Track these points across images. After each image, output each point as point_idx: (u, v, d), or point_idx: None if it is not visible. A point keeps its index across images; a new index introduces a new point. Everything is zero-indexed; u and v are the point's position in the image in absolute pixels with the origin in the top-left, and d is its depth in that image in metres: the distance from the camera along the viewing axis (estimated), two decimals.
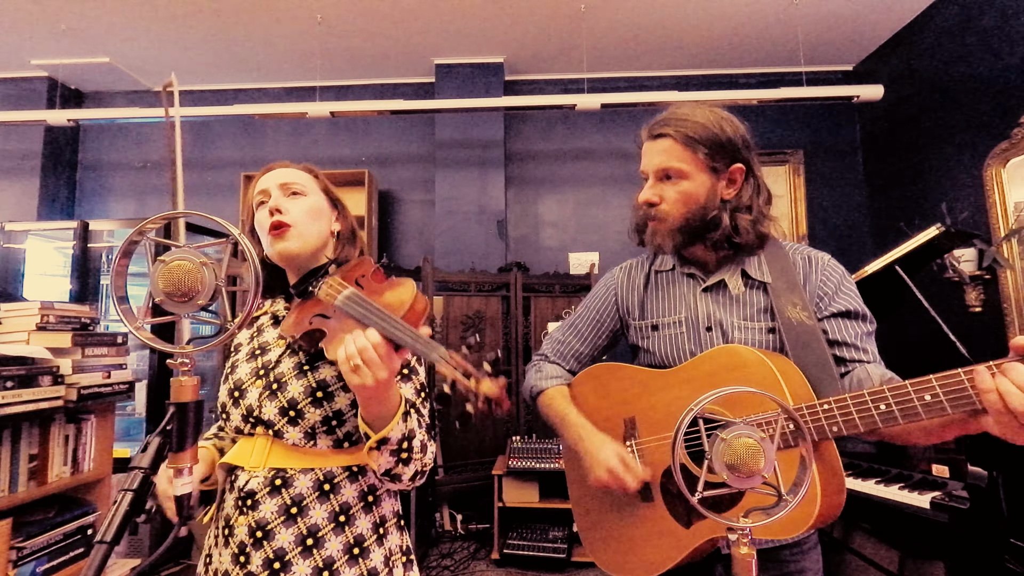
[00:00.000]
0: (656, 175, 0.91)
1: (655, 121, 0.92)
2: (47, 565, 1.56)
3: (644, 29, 3.24)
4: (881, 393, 0.68)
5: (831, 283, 0.90)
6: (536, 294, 3.29)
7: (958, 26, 2.79)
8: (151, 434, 0.55)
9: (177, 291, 0.52)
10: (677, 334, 0.95)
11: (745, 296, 0.92)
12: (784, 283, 0.90)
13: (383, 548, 0.83)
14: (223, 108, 3.38)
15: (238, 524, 0.78)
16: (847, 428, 0.71)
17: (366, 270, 0.86)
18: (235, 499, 0.79)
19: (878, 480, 1.75)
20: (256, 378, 0.84)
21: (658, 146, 0.90)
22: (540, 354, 1.16)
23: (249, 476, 0.79)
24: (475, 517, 3.04)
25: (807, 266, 0.92)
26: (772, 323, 0.89)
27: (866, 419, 0.69)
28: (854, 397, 0.70)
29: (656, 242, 0.94)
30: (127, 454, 2.55)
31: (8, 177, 3.63)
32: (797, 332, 0.85)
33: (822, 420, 0.73)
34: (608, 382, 1.02)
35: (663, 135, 0.90)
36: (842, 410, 0.71)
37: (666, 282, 1.01)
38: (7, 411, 1.40)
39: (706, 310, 0.93)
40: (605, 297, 1.08)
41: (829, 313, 0.88)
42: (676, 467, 0.55)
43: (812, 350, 0.83)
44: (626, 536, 0.94)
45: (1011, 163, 2.47)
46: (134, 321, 0.54)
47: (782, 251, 0.94)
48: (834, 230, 3.57)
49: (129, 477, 0.53)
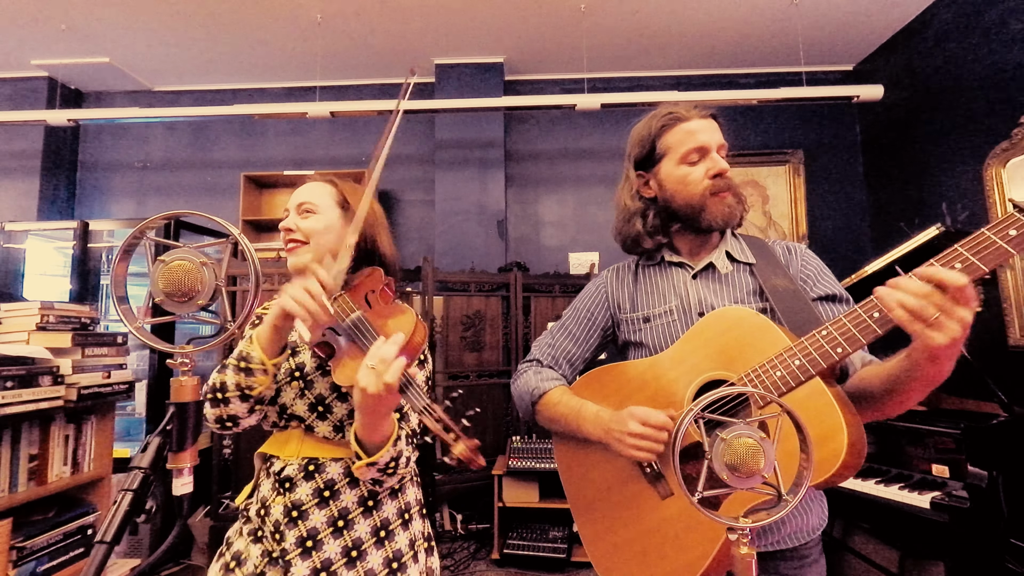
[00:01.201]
0: (718, 150, 0.94)
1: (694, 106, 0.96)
2: (47, 565, 1.56)
3: (644, 29, 3.24)
4: (870, 302, 0.71)
5: (811, 269, 0.95)
6: (536, 294, 3.29)
7: (958, 26, 2.79)
8: (151, 434, 0.55)
9: (177, 291, 0.53)
10: (669, 323, 0.96)
11: (733, 276, 0.95)
12: (766, 263, 0.95)
13: (408, 532, 0.91)
14: (223, 108, 3.38)
15: (275, 504, 0.85)
16: (849, 344, 0.72)
17: (375, 285, 0.90)
18: (272, 483, 0.87)
19: (878, 480, 1.75)
20: (291, 379, 0.92)
21: (714, 125, 0.95)
22: (531, 360, 1.11)
23: (284, 463, 0.87)
24: (475, 517, 3.03)
25: (787, 254, 0.98)
26: (763, 303, 0.91)
27: (864, 328, 0.71)
28: (849, 313, 0.73)
29: (725, 214, 0.93)
30: (127, 454, 2.56)
31: (8, 177, 3.63)
32: (783, 296, 0.88)
33: (824, 345, 0.74)
34: (606, 382, 1.00)
35: (714, 116, 0.96)
36: (840, 329, 0.73)
37: (655, 275, 1.02)
38: (7, 411, 1.40)
39: (698, 296, 0.95)
40: (595, 296, 1.08)
41: (815, 296, 0.91)
42: (676, 467, 0.55)
43: (800, 310, 0.86)
44: (646, 543, 0.87)
45: (1011, 163, 2.47)
46: (134, 321, 0.54)
47: (760, 241, 1.00)
48: (834, 230, 3.57)
49: (129, 477, 0.53)
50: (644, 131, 0.99)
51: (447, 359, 3.13)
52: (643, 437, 0.83)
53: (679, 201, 0.95)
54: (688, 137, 0.93)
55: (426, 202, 3.74)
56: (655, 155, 0.97)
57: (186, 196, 3.82)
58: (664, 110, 0.97)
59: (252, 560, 0.86)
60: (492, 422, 3.15)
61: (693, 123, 0.93)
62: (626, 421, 0.85)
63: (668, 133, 0.95)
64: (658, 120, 0.96)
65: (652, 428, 0.82)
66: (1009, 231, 0.62)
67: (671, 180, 0.95)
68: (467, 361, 3.18)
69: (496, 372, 3.20)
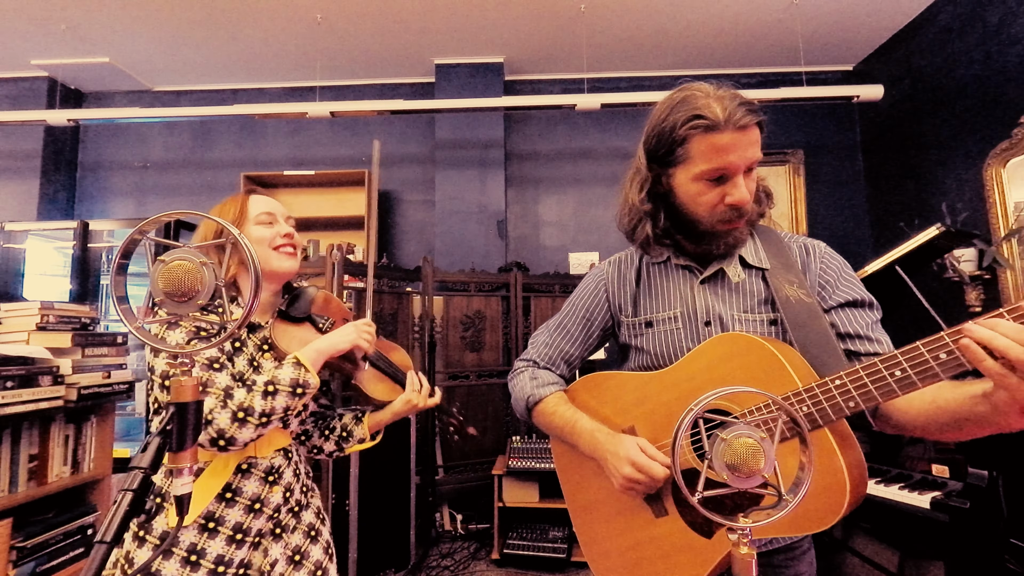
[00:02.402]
0: (747, 171, 0.80)
1: (737, 105, 0.77)
2: (47, 565, 1.56)
3: (644, 29, 3.24)
4: (894, 359, 0.64)
5: (832, 271, 0.87)
6: (536, 294, 3.29)
7: (958, 26, 2.79)
8: (151, 434, 0.55)
9: (177, 291, 0.52)
10: (673, 330, 0.90)
11: (745, 284, 0.87)
12: (780, 265, 0.87)
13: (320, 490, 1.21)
14: (223, 108, 3.37)
15: (271, 494, 0.96)
16: (864, 401, 0.66)
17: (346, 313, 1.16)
18: (259, 479, 0.95)
19: (878, 480, 1.75)
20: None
21: (752, 136, 0.78)
22: (527, 359, 1.07)
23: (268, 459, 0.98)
24: (475, 517, 3.04)
25: (804, 255, 0.89)
26: (774, 314, 0.84)
27: (883, 387, 0.64)
28: (867, 367, 0.66)
29: (729, 244, 0.87)
30: (127, 454, 2.56)
31: (8, 177, 3.63)
32: (795, 310, 0.81)
33: (836, 397, 0.67)
34: (604, 392, 0.96)
35: (755, 124, 0.78)
36: (856, 383, 0.66)
37: (660, 275, 0.95)
38: (7, 411, 1.40)
39: (704, 303, 0.88)
40: (595, 292, 1.02)
41: (836, 303, 0.84)
42: (676, 469, 0.55)
43: (811, 328, 0.79)
44: (639, 555, 0.86)
45: (1011, 163, 2.47)
46: (134, 321, 0.54)
47: (776, 237, 0.92)
48: (834, 230, 3.57)
49: (129, 477, 0.53)
50: (667, 123, 0.81)
51: (447, 359, 3.13)
52: (636, 482, 0.81)
53: (686, 214, 0.86)
54: (714, 155, 0.78)
55: (426, 202, 3.74)
56: (673, 156, 0.82)
57: (186, 196, 3.82)
58: (694, 102, 0.79)
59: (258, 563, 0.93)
60: (492, 422, 3.14)
61: (725, 137, 0.76)
62: (622, 461, 0.82)
63: (693, 141, 0.79)
64: (684, 115, 0.79)
65: (646, 476, 0.80)
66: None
67: (683, 191, 0.84)
68: (467, 361, 3.18)
69: (496, 372, 3.20)
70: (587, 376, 1.01)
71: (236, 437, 0.84)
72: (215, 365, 0.89)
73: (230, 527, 0.91)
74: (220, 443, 0.84)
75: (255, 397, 0.87)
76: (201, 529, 0.89)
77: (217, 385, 0.87)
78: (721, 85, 0.81)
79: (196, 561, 0.87)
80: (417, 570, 2.51)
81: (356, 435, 1.11)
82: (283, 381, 0.89)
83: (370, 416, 1.12)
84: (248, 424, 0.85)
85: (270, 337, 0.97)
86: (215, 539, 0.89)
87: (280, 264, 1.01)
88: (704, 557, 0.78)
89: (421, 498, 2.64)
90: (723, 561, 0.77)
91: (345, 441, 1.12)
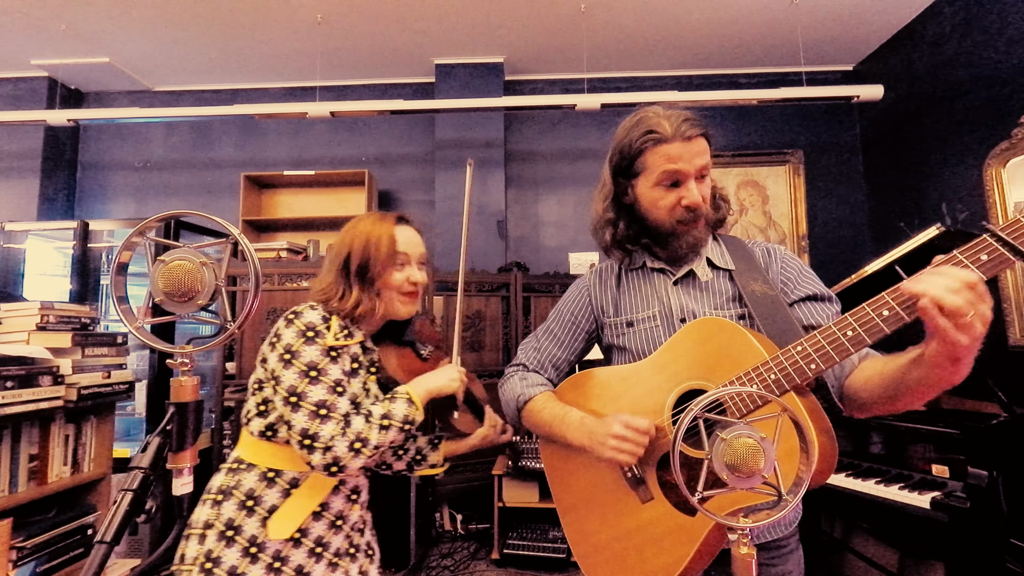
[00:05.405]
0: (697, 175, 0.91)
1: (682, 120, 0.89)
2: (47, 565, 1.56)
3: (644, 29, 3.24)
4: (845, 320, 0.72)
5: (792, 270, 0.96)
6: (536, 294, 3.29)
7: (958, 26, 2.79)
8: (151, 434, 0.55)
9: (177, 291, 0.52)
10: (652, 328, 0.97)
11: (713, 283, 0.96)
12: (745, 266, 0.96)
13: None
14: (223, 108, 3.37)
15: (352, 512, 1.01)
16: (823, 361, 0.73)
17: (437, 337, 1.21)
18: (345, 496, 1.00)
19: (878, 480, 1.75)
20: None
21: (698, 146, 0.90)
22: (517, 364, 1.14)
23: (355, 478, 1.02)
24: (475, 517, 3.03)
25: (767, 257, 0.98)
26: (742, 309, 0.92)
27: (838, 347, 0.72)
28: (823, 331, 0.74)
29: (690, 243, 0.96)
30: (127, 454, 2.56)
31: (8, 177, 3.63)
32: (762, 304, 0.89)
33: (799, 360, 0.74)
34: (589, 387, 1.01)
35: (701, 135, 0.90)
36: (814, 346, 0.74)
37: (637, 279, 1.03)
38: (7, 411, 1.40)
39: (679, 302, 0.96)
40: (579, 298, 1.10)
41: (797, 298, 0.92)
42: (676, 466, 0.55)
43: (776, 318, 0.87)
44: (627, 544, 0.89)
45: (1011, 163, 2.47)
46: (134, 321, 0.54)
47: (740, 243, 1.01)
48: (834, 230, 3.57)
49: (129, 477, 0.53)
50: (626, 140, 0.94)
51: None
52: (624, 439, 0.84)
53: (650, 220, 0.97)
54: (666, 162, 0.89)
55: (426, 202, 3.74)
56: (633, 168, 0.95)
57: (186, 196, 3.82)
58: (647, 122, 0.91)
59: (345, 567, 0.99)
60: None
61: (674, 147, 0.88)
62: (610, 424, 0.87)
63: (647, 153, 0.91)
64: (639, 132, 0.91)
65: (633, 432, 0.84)
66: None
67: (645, 199, 0.95)
68: (467, 361, 3.18)
69: (496, 372, 3.20)
70: (573, 376, 1.05)
71: (348, 466, 0.86)
72: (338, 389, 0.90)
73: (312, 540, 0.93)
74: (333, 469, 0.86)
75: (372, 430, 0.89)
76: (287, 538, 0.91)
77: (339, 410, 0.88)
78: (671, 106, 0.94)
79: (279, 568, 0.89)
80: (417, 570, 2.51)
81: (430, 459, 1.14)
82: (397, 416, 0.92)
83: (446, 444, 1.15)
84: (362, 455, 0.87)
85: (378, 360, 1.02)
86: (298, 549, 0.92)
87: (399, 310, 1.04)
88: (690, 535, 0.81)
89: (421, 498, 2.64)
90: (709, 536, 0.79)
91: (417, 464, 1.15)
